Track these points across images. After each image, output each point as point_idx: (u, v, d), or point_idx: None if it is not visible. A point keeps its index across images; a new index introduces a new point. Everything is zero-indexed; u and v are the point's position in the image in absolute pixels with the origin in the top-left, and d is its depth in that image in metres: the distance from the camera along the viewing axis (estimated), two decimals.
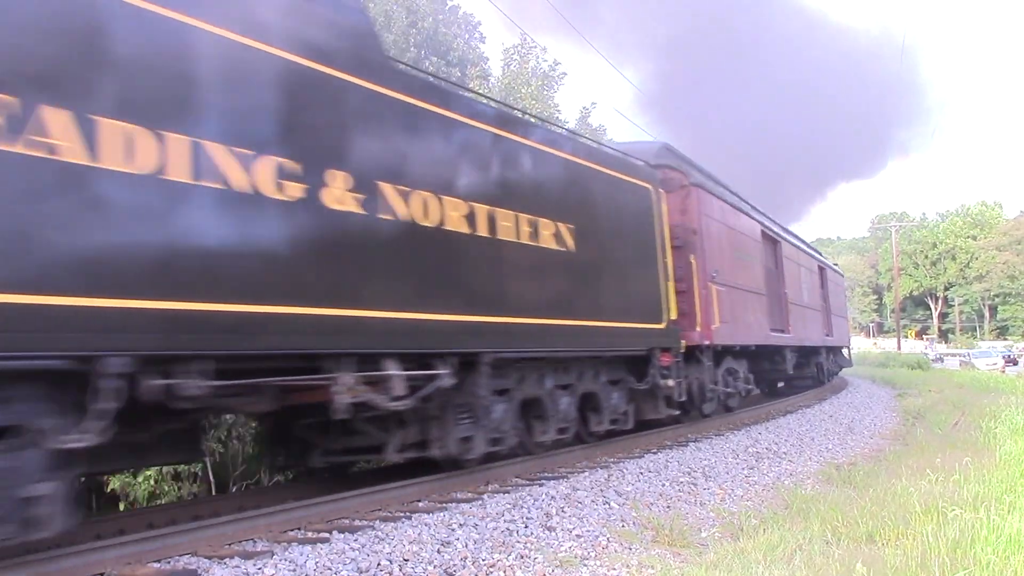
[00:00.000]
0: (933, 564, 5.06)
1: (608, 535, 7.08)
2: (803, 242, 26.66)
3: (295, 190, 6.49)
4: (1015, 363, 56.24)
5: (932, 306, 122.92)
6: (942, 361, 64.49)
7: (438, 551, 6.22)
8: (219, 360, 5.86)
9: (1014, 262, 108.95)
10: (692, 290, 14.01)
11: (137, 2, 5.50)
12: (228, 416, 11.30)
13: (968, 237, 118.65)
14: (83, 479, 10.77)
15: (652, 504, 8.35)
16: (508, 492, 8.67)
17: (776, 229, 21.47)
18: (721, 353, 15.48)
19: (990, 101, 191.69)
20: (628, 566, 6.27)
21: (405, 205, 7.70)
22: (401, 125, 7.83)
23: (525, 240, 9.38)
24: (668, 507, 8.30)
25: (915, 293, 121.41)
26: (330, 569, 5.64)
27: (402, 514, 7.59)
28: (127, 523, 7.47)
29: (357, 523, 7.24)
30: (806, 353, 24.00)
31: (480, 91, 19.81)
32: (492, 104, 11.18)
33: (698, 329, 13.89)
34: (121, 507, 10.98)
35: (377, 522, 7.21)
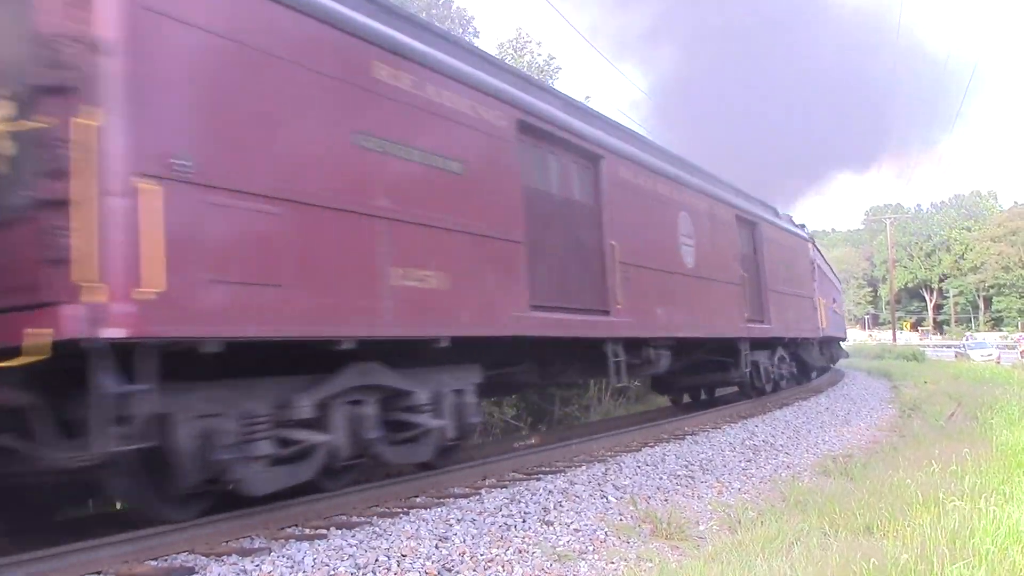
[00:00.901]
0: (932, 555, 5.06)
1: (606, 529, 7.08)
2: (699, 172, 16.41)
3: None
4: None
5: (927, 298, 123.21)
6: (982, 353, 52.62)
7: (436, 546, 6.21)
8: None
9: (1008, 253, 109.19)
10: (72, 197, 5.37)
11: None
12: None
13: (962, 228, 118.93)
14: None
15: (650, 498, 8.34)
16: (506, 487, 8.66)
17: (602, 138, 12.07)
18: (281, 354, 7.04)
19: (986, 88, 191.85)
20: (626, 560, 6.27)
21: None
22: None
23: None
24: (666, 501, 8.30)
25: (910, 285, 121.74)
26: (328, 565, 5.63)
27: (400, 510, 7.58)
28: (124, 521, 7.44)
29: (355, 519, 7.22)
30: (713, 349, 16.38)
31: None
32: None
33: (88, 298, 5.21)
34: (118, 505, 10.95)
35: (375, 518, 7.20)
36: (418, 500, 8.11)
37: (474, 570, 5.81)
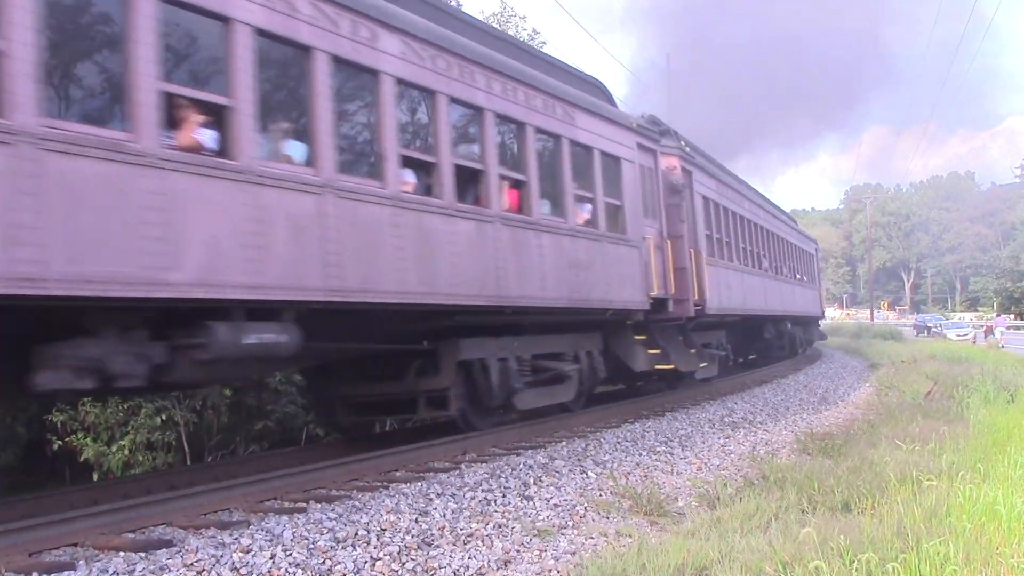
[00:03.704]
0: (909, 533, 5.10)
1: (586, 504, 7.09)
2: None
3: None
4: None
5: (905, 277, 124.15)
6: None
7: (416, 521, 6.20)
8: None
9: (986, 234, 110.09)
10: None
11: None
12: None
13: (941, 209, 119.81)
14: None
15: (629, 473, 8.36)
16: (486, 462, 8.66)
17: None
18: None
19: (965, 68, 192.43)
20: (606, 535, 6.29)
21: None
22: None
23: None
24: (645, 477, 8.33)
25: (888, 264, 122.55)
26: (307, 539, 5.61)
27: (379, 484, 7.57)
28: (101, 493, 7.40)
29: (334, 493, 7.20)
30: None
31: None
32: None
33: None
34: (95, 477, 10.92)
35: (354, 492, 7.18)
36: (398, 474, 8.10)
37: (454, 544, 5.81)
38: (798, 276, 27.74)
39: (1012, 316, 59.69)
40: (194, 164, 6.37)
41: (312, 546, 5.48)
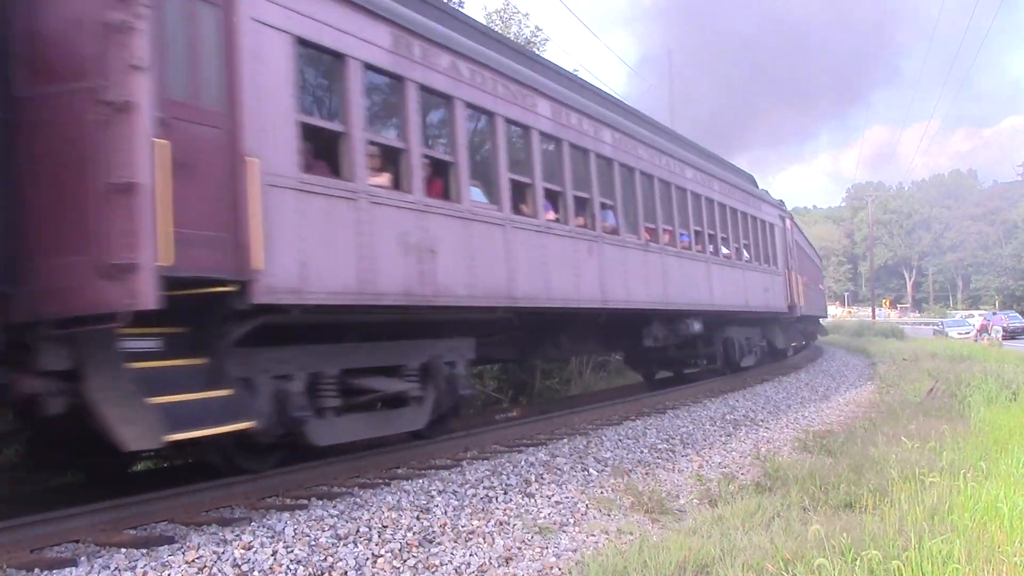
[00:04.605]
0: (911, 531, 5.09)
1: (587, 502, 7.10)
2: None
3: None
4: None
5: (906, 276, 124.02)
6: None
7: (417, 518, 6.20)
8: None
9: (987, 232, 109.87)
10: None
11: None
12: None
13: (943, 207, 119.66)
14: None
15: (631, 471, 8.37)
16: (487, 459, 8.66)
17: None
18: None
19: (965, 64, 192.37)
20: (607, 533, 6.29)
21: None
22: None
23: None
24: (647, 474, 8.33)
25: (890, 263, 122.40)
26: (308, 536, 5.61)
27: (381, 481, 7.56)
28: (103, 490, 7.39)
29: (336, 490, 7.20)
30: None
31: None
32: None
33: None
34: None
35: (356, 489, 7.18)
36: (400, 471, 8.10)
37: (455, 541, 5.81)
38: (727, 253, 17.66)
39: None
40: None
41: (313, 543, 5.48)
